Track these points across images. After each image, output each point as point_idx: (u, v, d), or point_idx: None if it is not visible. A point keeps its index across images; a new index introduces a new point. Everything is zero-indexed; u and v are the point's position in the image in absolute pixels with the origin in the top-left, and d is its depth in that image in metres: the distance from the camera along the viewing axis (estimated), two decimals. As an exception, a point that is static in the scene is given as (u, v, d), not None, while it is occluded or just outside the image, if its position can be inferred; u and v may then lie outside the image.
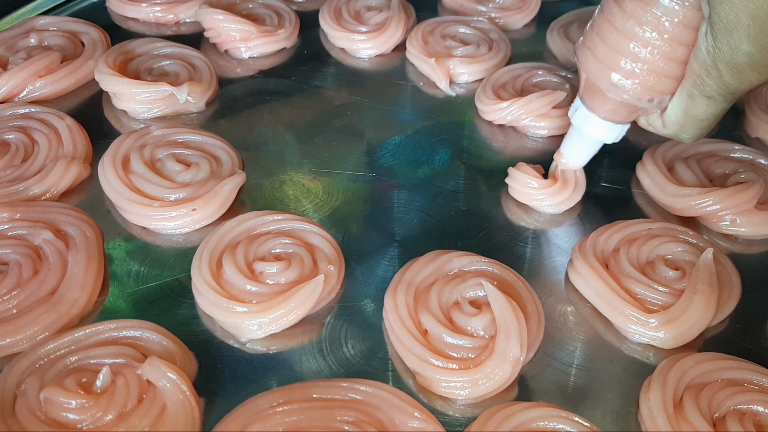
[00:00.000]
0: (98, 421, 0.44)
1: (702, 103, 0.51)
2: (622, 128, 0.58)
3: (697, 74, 0.49)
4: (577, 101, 0.58)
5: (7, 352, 0.49)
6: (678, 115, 0.53)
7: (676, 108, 0.53)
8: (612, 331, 0.54)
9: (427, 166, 0.67)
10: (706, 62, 0.48)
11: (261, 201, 0.63)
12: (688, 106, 0.52)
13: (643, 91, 0.52)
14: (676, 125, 0.54)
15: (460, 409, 0.48)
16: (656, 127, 0.56)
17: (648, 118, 0.56)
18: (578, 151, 0.61)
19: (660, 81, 0.52)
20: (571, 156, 0.61)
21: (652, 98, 0.53)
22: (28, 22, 0.78)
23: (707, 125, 0.53)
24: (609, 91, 0.53)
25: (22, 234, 0.55)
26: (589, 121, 0.57)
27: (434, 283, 0.53)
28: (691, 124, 0.53)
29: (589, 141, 0.60)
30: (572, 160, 0.62)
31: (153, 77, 0.71)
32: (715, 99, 0.50)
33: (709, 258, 0.54)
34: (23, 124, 0.65)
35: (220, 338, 0.52)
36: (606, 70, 0.53)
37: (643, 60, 0.51)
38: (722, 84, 0.49)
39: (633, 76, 0.52)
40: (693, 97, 0.51)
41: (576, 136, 0.60)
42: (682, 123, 0.53)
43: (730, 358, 0.50)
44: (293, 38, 0.81)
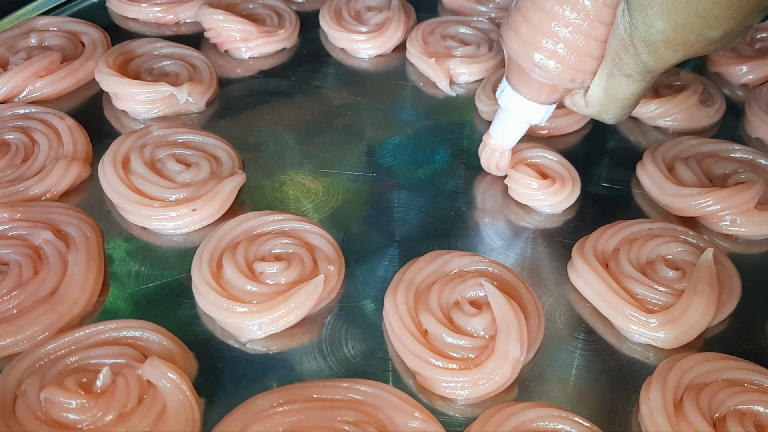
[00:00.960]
0: (98, 422, 0.44)
1: (621, 82, 0.51)
2: (548, 108, 0.57)
3: (616, 52, 0.49)
4: (504, 82, 0.58)
5: (7, 352, 0.49)
6: (599, 94, 0.53)
7: (598, 87, 0.53)
8: (612, 332, 0.54)
9: (427, 167, 0.67)
10: (624, 40, 0.48)
11: (261, 201, 0.63)
12: (608, 84, 0.52)
13: (565, 70, 0.52)
14: (598, 104, 0.54)
15: (461, 410, 0.48)
16: (580, 107, 0.56)
17: (572, 98, 0.56)
18: (507, 132, 0.60)
19: (581, 60, 0.52)
20: (500, 137, 0.61)
21: (574, 78, 0.53)
22: (29, 22, 0.78)
23: (628, 104, 0.53)
24: (532, 71, 0.53)
25: (23, 234, 0.55)
26: (515, 101, 0.57)
27: (434, 283, 0.53)
28: (612, 104, 0.53)
29: (516, 121, 0.59)
30: (501, 140, 0.61)
31: (153, 77, 0.71)
32: (633, 77, 0.50)
33: (709, 258, 0.54)
34: (23, 125, 0.65)
35: (221, 338, 0.52)
36: (529, 50, 0.52)
37: (564, 39, 0.51)
38: (639, 62, 0.49)
39: (555, 56, 0.52)
40: (612, 76, 0.51)
41: (503, 117, 0.60)
42: (603, 102, 0.53)
43: (730, 358, 0.50)
44: (293, 38, 0.81)
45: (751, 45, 0.83)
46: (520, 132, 0.60)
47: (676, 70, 0.77)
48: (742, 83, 0.79)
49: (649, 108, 0.72)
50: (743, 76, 0.79)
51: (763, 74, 0.78)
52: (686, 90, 0.72)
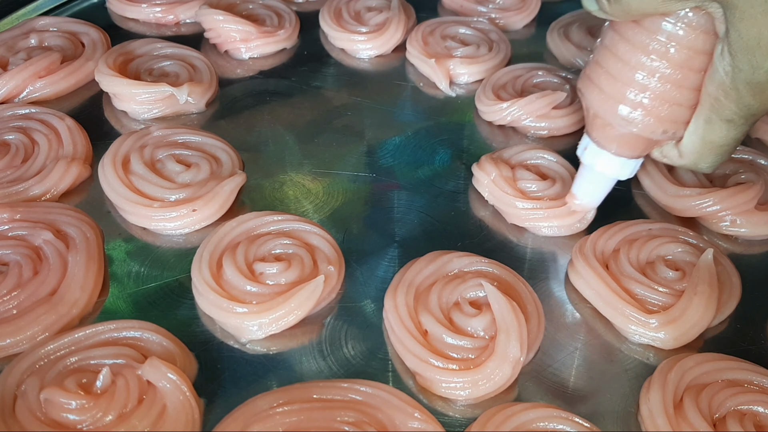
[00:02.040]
0: (98, 422, 0.44)
1: (722, 128, 0.48)
2: (636, 162, 0.54)
3: (714, 98, 0.47)
4: (585, 138, 0.55)
5: (7, 353, 0.49)
6: (696, 143, 0.50)
7: (693, 136, 0.50)
8: (612, 332, 0.54)
9: (427, 167, 0.67)
10: (724, 84, 0.46)
11: (261, 201, 0.63)
12: (705, 132, 0.49)
13: (656, 122, 0.49)
14: (694, 154, 0.51)
15: (460, 410, 0.48)
16: (671, 157, 0.53)
17: (662, 150, 0.53)
18: (592, 190, 0.57)
19: (672, 110, 0.49)
20: (585, 196, 0.57)
21: (666, 129, 0.50)
22: (29, 22, 0.78)
23: (727, 151, 0.50)
24: (618, 125, 0.50)
25: (23, 234, 0.55)
26: (601, 157, 0.54)
27: (434, 284, 0.53)
28: (710, 151, 0.50)
29: (602, 178, 0.56)
30: (586, 200, 0.57)
31: (153, 78, 0.71)
32: (735, 122, 0.48)
33: (709, 258, 0.54)
34: (23, 125, 0.65)
35: (220, 339, 0.52)
36: (613, 104, 0.50)
37: (652, 90, 0.48)
38: (743, 105, 0.46)
39: (642, 108, 0.49)
40: (711, 122, 0.48)
41: (588, 175, 0.56)
42: (701, 151, 0.50)
43: (730, 358, 0.50)
44: (293, 39, 0.81)
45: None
46: (606, 189, 0.57)
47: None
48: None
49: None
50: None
51: (763, 74, 0.78)
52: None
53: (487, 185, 0.62)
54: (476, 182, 0.63)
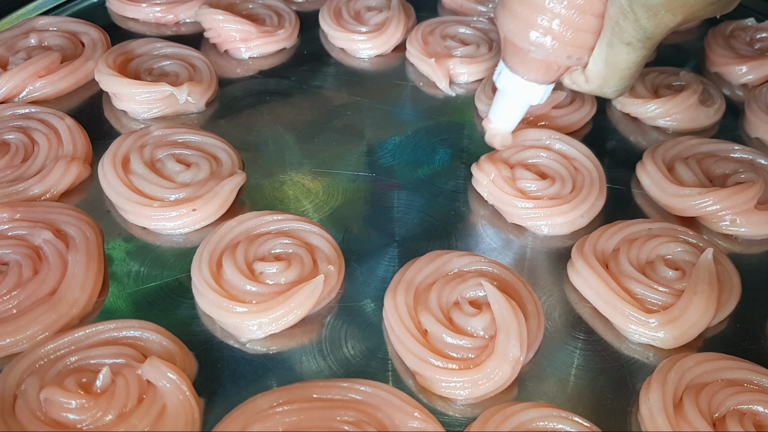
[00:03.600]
0: (98, 422, 0.44)
1: (622, 51, 0.51)
2: (547, 88, 0.57)
3: (615, 21, 0.49)
4: (501, 64, 0.57)
5: (7, 352, 0.49)
6: (599, 67, 0.53)
7: (597, 59, 0.53)
8: (612, 331, 0.54)
9: (427, 166, 0.67)
10: (623, 7, 0.48)
11: (261, 201, 0.63)
12: (608, 55, 0.52)
13: (562, 47, 0.52)
14: (599, 78, 0.54)
15: (460, 409, 0.48)
16: (579, 83, 0.55)
17: (571, 76, 0.56)
18: (507, 114, 0.60)
19: (577, 36, 0.51)
20: (500, 121, 0.60)
21: (571, 54, 0.52)
22: (28, 22, 0.78)
23: (629, 74, 0.53)
24: (528, 50, 0.52)
25: (22, 234, 0.55)
26: (514, 82, 0.56)
27: (434, 283, 0.53)
28: (614, 75, 0.53)
29: (515, 103, 0.58)
30: (501, 124, 0.60)
31: (153, 77, 0.71)
32: (633, 45, 0.50)
33: (709, 258, 0.54)
34: (23, 125, 0.65)
35: (220, 338, 0.52)
36: (524, 29, 0.52)
37: (559, 16, 0.50)
38: (639, 28, 0.49)
39: (550, 33, 0.51)
40: (612, 46, 0.51)
41: (502, 100, 0.59)
42: (605, 75, 0.53)
43: (730, 358, 0.50)
44: (293, 38, 0.81)
45: (751, 45, 0.83)
46: (520, 114, 0.60)
47: (676, 70, 0.77)
48: (742, 83, 0.79)
49: (649, 108, 0.72)
50: (743, 76, 0.79)
51: (763, 74, 0.78)
52: (686, 90, 0.72)
53: (486, 186, 0.62)
54: (475, 183, 0.63)
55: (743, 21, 0.85)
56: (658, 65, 0.80)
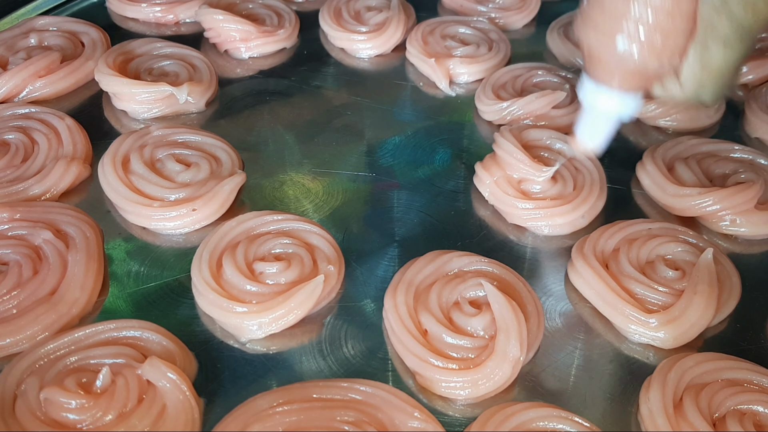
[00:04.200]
0: (98, 422, 0.44)
1: (719, 51, 0.48)
2: (636, 100, 0.53)
3: (707, 20, 0.47)
4: (583, 78, 0.53)
5: (7, 352, 0.49)
6: (695, 71, 0.49)
7: (693, 62, 0.49)
8: (612, 331, 0.54)
9: (427, 166, 0.67)
10: (715, 3, 0.46)
11: (261, 201, 0.63)
12: (703, 57, 0.48)
13: (651, 54, 0.48)
14: (695, 83, 0.50)
15: (460, 409, 0.48)
16: (673, 92, 0.51)
17: (663, 85, 0.52)
18: (594, 131, 0.55)
19: (667, 39, 0.48)
20: (588, 138, 0.55)
21: (662, 60, 0.49)
22: (28, 22, 0.78)
23: (726, 77, 0.50)
24: (615, 60, 0.49)
25: (22, 234, 0.55)
26: (600, 95, 0.52)
27: (434, 283, 0.53)
28: (710, 78, 0.50)
29: (603, 118, 0.54)
30: (590, 142, 0.55)
31: (153, 77, 0.71)
32: (731, 44, 0.47)
33: (709, 258, 0.54)
34: (23, 124, 0.65)
35: (220, 338, 0.52)
36: (610, 39, 0.49)
37: (645, 21, 0.47)
38: (735, 22, 0.46)
39: (637, 40, 0.48)
40: (707, 47, 0.48)
41: (589, 117, 0.55)
42: (700, 79, 0.50)
43: (730, 358, 0.50)
44: (293, 38, 0.81)
45: (751, 45, 0.83)
46: (609, 131, 0.55)
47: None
48: (742, 83, 0.79)
49: (649, 108, 0.72)
50: (743, 76, 0.79)
51: (763, 74, 0.78)
52: (686, 90, 0.72)
53: (488, 185, 0.62)
54: (477, 181, 0.63)
55: (743, 21, 0.85)
56: (658, 65, 0.80)
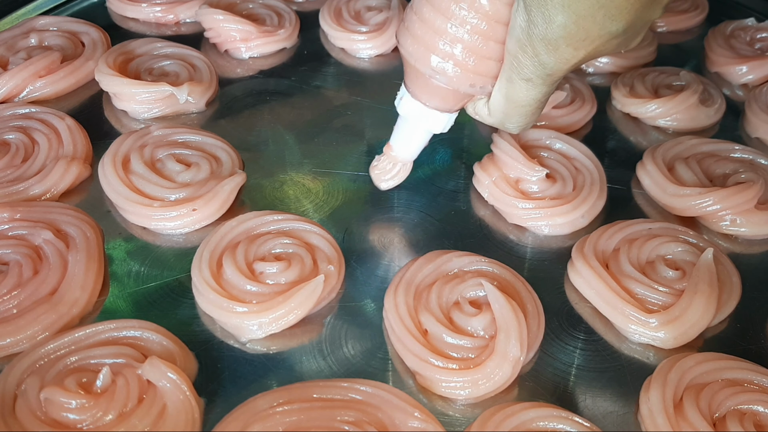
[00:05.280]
0: (98, 421, 0.44)
1: (521, 87, 0.48)
2: (450, 117, 0.54)
3: (513, 55, 0.46)
4: (402, 88, 0.54)
5: (7, 352, 0.49)
6: (500, 101, 0.50)
7: (498, 93, 0.49)
8: (612, 331, 0.54)
9: (427, 166, 0.67)
10: (521, 40, 0.45)
11: (261, 201, 0.63)
12: (508, 90, 0.48)
13: (464, 74, 0.49)
14: (501, 112, 0.51)
15: (460, 409, 0.48)
16: (482, 115, 0.53)
17: (475, 106, 0.53)
18: (407, 142, 0.57)
19: (480, 63, 0.48)
20: (401, 148, 0.58)
21: (474, 83, 0.49)
22: (28, 22, 0.78)
23: (530, 111, 0.50)
24: (430, 75, 0.49)
25: (23, 234, 0.55)
26: (415, 109, 0.53)
27: (434, 283, 0.53)
28: (514, 111, 0.50)
29: (417, 131, 0.56)
30: (402, 152, 0.58)
31: (153, 77, 0.71)
32: (534, 81, 0.47)
33: (709, 258, 0.54)
34: (23, 124, 0.65)
35: (221, 338, 0.52)
36: (425, 53, 0.49)
37: (461, 41, 0.47)
38: (539, 63, 0.45)
39: (452, 59, 0.48)
40: (512, 81, 0.48)
41: (403, 126, 0.56)
42: (505, 110, 0.50)
43: (730, 358, 0.50)
44: (293, 38, 0.82)
45: (751, 45, 0.83)
46: (422, 142, 0.57)
47: (676, 70, 0.77)
48: (742, 83, 0.79)
49: (649, 108, 0.72)
50: (743, 76, 0.79)
51: (763, 74, 0.78)
52: (686, 90, 0.72)
53: (487, 186, 0.62)
54: (476, 182, 0.63)
55: (743, 21, 0.85)
56: (658, 65, 0.80)
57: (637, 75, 0.77)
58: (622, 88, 0.74)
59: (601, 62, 0.80)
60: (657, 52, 0.82)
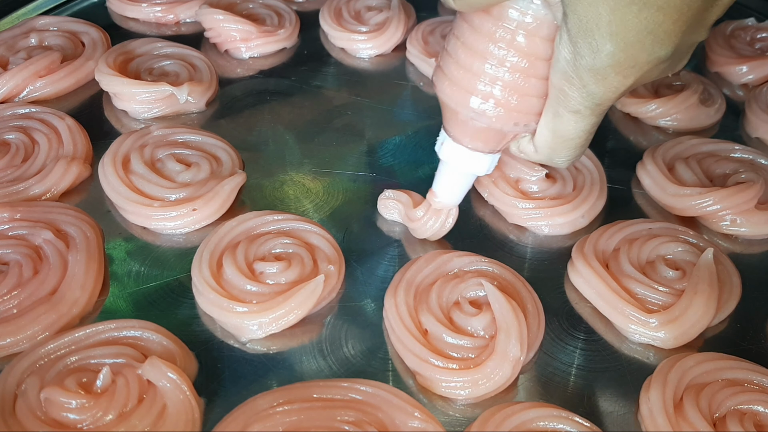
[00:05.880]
0: (98, 421, 0.44)
1: (569, 120, 0.46)
2: (493, 158, 0.52)
3: (559, 88, 0.45)
4: (442, 133, 0.53)
5: (7, 352, 0.49)
6: (547, 137, 0.48)
7: (544, 129, 0.48)
8: (612, 331, 0.54)
9: (427, 166, 0.67)
10: (567, 72, 0.44)
11: (261, 201, 0.63)
12: (555, 125, 0.47)
13: (507, 114, 0.47)
14: (547, 148, 0.49)
15: (461, 409, 0.48)
16: (528, 153, 0.51)
17: (519, 144, 0.51)
18: (451, 187, 0.55)
19: (523, 101, 0.47)
20: (445, 194, 0.56)
21: (518, 121, 0.48)
22: (29, 22, 0.78)
23: (579, 144, 0.49)
24: (471, 117, 0.48)
25: (23, 234, 0.55)
26: (457, 153, 0.52)
27: (434, 283, 0.53)
28: (562, 145, 0.48)
29: (460, 175, 0.54)
30: (446, 198, 0.56)
31: (153, 77, 0.71)
32: (582, 113, 0.46)
33: (710, 258, 0.54)
34: (23, 124, 0.65)
35: (221, 338, 0.52)
36: (464, 95, 0.48)
37: (501, 80, 0.46)
38: (587, 94, 0.44)
39: (493, 99, 0.47)
40: (558, 115, 0.46)
41: (446, 172, 0.55)
42: (552, 145, 0.49)
43: (730, 358, 0.50)
44: (293, 38, 0.81)
45: (752, 45, 0.83)
46: (465, 186, 0.55)
47: (676, 69, 0.77)
48: (742, 83, 0.79)
49: (649, 108, 0.72)
50: (743, 76, 0.79)
51: (763, 74, 0.78)
52: (686, 90, 0.72)
53: (487, 186, 0.62)
54: (476, 182, 0.63)
55: (743, 21, 0.85)
56: (659, 65, 0.80)
57: (637, 75, 0.77)
58: (622, 88, 0.74)
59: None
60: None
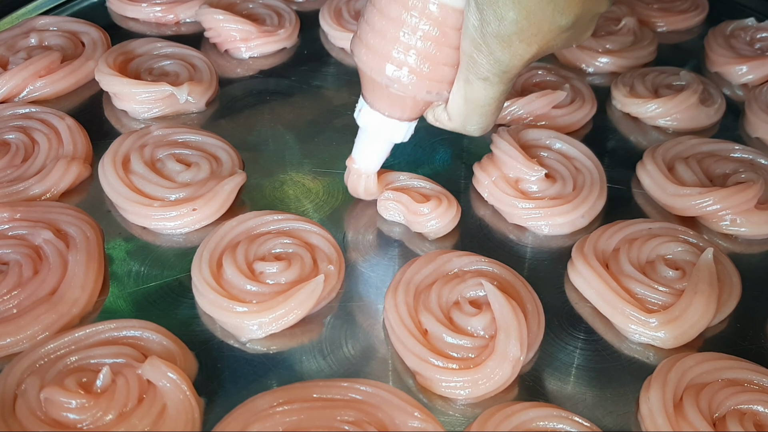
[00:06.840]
0: (98, 421, 0.44)
1: (479, 87, 0.48)
2: (409, 125, 0.54)
3: (469, 55, 0.47)
4: (361, 100, 0.54)
5: (7, 352, 0.49)
6: (459, 104, 0.50)
7: (457, 96, 0.50)
8: (612, 331, 0.54)
9: (427, 166, 0.67)
10: (475, 39, 0.46)
11: (261, 201, 0.63)
12: (466, 92, 0.49)
13: (420, 82, 0.49)
14: (460, 115, 0.51)
15: (460, 409, 0.48)
16: (442, 121, 0.53)
17: (434, 113, 0.53)
18: (369, 153, 0.57)
19: (435, 69, 0.48)
20: (363, 160, 0.57)
21: (431, 89, 0.49)
22: (29, 22, 0.78)
23: (490, 111, 0.50)
24: (386, 84, 0.49)
25: (23, 234, 0.55)
26: (374, 119, 0.53)
27: (434, 283, 0.53)
28: (474, 112, 0.50)
29: (377, 141, 0.55)
30: (364, 164, 0.57)
31: (153, 77, 0.71)
32: (490, 80, 0.48)
33: (709, 258, 0.54)
34: (23, 124, 0.65)
35: (221, 338, 0.52)
36: (380, 62, 0.49)
37: (414, 48, 0.47)
38: (494, 61, 0.46)
39: (407, 66, 0.48)
40: (469, 82, 0.48)
41: (364, 138, 0.56)
42: (465, 112, 0.51)
43: (730, 358, 0.50)
44: (293, 38, 0.82)
45: (751, 45, 0.83)
46: (384, 153, 0.57)
47: (676, 69, 0.77)
48: (742, 83, 0.79)
49: (649, 108, 0.72)
50: (743, 76, 0.79)
51: (763, 74, 0.78)
52: (686, 90, 0.72)
53: (487, 186, 0.62)
54: (476, 182, 0.63)
55: (743, 21, 0.85)
56: (658, 65, 0.80)
57: (637, 75, 0.77)
58: (622, 88, 0.74)
59: (601, 62, 0.80)
60: (657, 52, 0.82)
